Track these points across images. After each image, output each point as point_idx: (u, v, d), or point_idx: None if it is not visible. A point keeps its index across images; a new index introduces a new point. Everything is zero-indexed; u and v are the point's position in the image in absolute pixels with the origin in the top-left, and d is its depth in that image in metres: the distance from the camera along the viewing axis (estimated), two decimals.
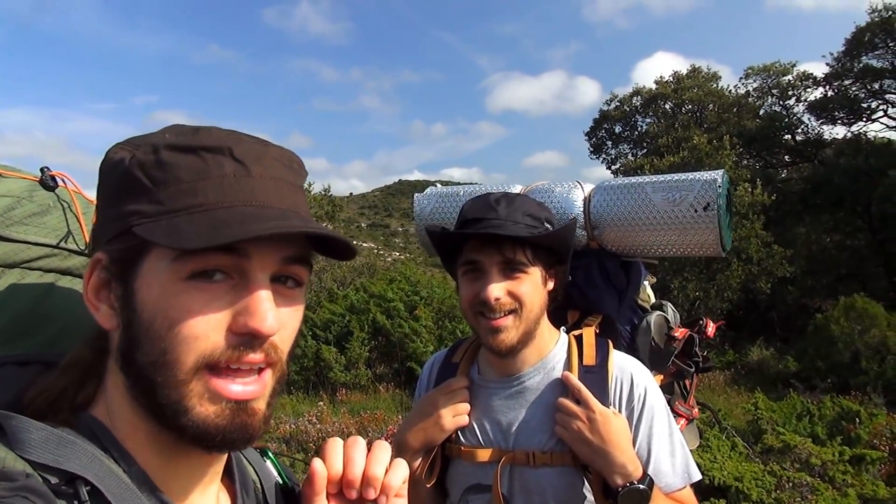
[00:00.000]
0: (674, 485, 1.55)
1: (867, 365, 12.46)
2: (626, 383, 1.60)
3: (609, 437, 1.47)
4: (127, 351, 0.71)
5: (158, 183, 0.71)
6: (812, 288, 22.74)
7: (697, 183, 1.84)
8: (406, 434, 1.63)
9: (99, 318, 0.75)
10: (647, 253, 1.97)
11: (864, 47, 24.72)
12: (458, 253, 1.59)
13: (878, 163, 21.77)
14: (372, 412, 10.76)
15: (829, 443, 6.77)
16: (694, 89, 29.34)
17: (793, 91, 27.92)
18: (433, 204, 2.15)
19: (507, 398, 1.64)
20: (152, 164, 0.71)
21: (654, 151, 25.71)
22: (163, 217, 0.70)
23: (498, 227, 1.49)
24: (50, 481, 0.65)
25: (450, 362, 1.78)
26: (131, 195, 0.72)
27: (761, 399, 8.21)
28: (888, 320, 13.52)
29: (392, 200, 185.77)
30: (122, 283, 0.72)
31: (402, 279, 16.39)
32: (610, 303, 1.91)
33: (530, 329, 1.57)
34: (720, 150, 19.12)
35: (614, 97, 32.81)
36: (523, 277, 1.53)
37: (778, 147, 28.21)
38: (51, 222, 1.07)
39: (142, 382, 0.70)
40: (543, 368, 1.64)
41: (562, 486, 1.55)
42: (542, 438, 1.57)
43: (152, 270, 0.70)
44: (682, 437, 1.63)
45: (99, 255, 0.75)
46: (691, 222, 1.84)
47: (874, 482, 5.88)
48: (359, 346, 14.07)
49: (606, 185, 1.99)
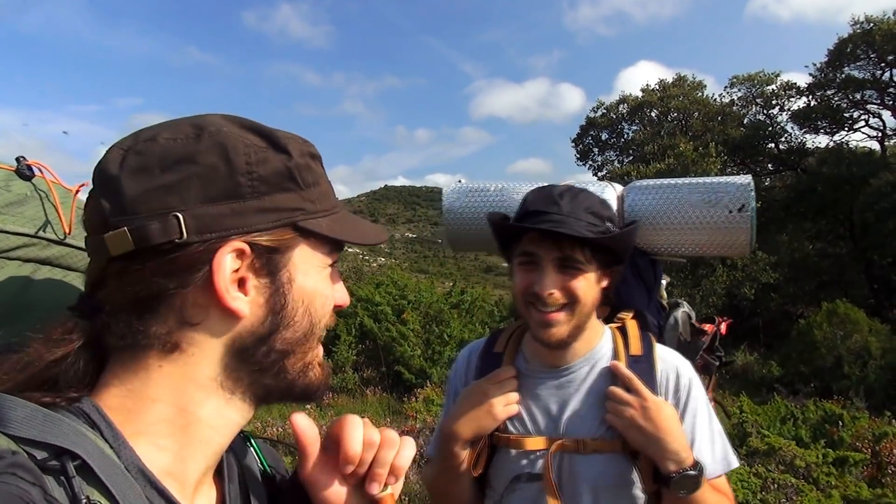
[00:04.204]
0: (714, 472, 1.58)
1: (849, 370, 12.58)
2: (673, 374, 1.63)
3: (662, 425, 1.49)
4: (265, 335, 0.77)
5: (309, 184, 0.79)
6: (795, 294, 22.99)
7: (732, 186, 1.91)
8: (456, 424, 1.62)
9: (235, 306, 0.73)
10: (676, 252, 2.02)
11: (847, 58, 25.08)
12: (516, 242, 1.59)
13: (859, 172, 22.06)
14: (359, 416, 10.70)
15: (812, 445, 6.83)
16: (679, 97, 29.58)
17: (777, 100, 28.25)
18: (463, 200, 2.15)
19: (555, 387, 1.65)
20: (305, 167, 0.79)
21: (641, 158, 25.88)
22: (323, 216, 0.80)
23: (559, 224, 1.48)
24: (36, 457, 0.63)
25: (492, 352, 1.77)
26: (287, 192, 0.77)
27: (746, 402, 8.27)
28: (870, 326, 13.68)
29: (377, 206, 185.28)
30: (272, 272, 0.77)
31: (389, 283, 16.34)
32: (640, 299, 1.94)
33: (581, 324, 1.58)
34: (706, 157, 19.32)
35: (601, 104, 33.01)
36: (579, 275, 1.53)
37: (762, 155, 28.50)
38: (28, 212, 1.05)
39: (273, 357, 0.78)
40: (592, 359, 1.65)
41: (611, 473, 1.57)
42: (592, 426, 1.59)
43: (308, 260, 0.80)
44: (721, 427, 1.66)
45: (241, 245, 0.73)
46: (726, 223, 1.90)
47: (857, 484, 5.94)
48: (346, 350, 14.00)
49: (641, 185, 2.03)
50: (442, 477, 1.70)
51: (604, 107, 32.66)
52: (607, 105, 32.57)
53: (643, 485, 1.56)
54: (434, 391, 10.23)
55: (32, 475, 0.60)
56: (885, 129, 26.12)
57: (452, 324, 13.66)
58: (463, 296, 14.70)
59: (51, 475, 0.63)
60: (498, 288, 50.73)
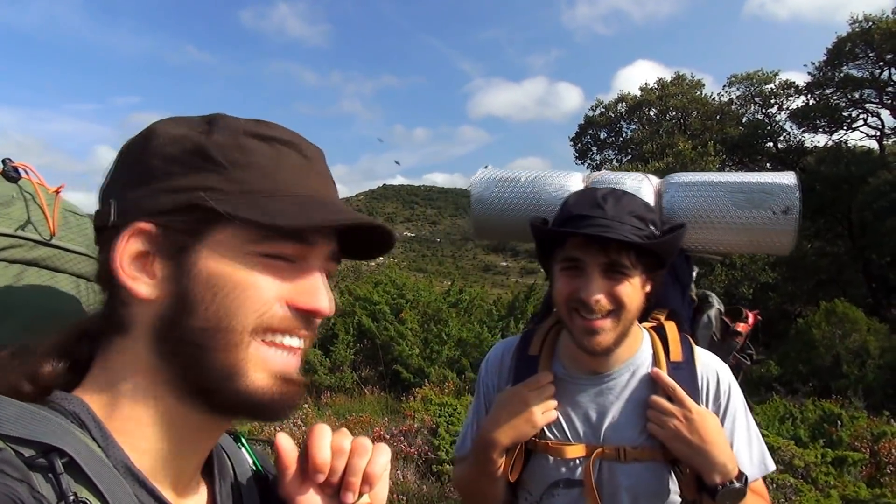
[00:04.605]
0: (751, 476, 1.55)
1: (848, 369, 12.60)
2: (713, 380, 1.60)
3: (708, 437, 1.46)
4: (173, 320, 0.73)
5: (236, 165, 0.74)
6: (793, 294, 23.03)
7: (777, 187, 1.85)
8: (496, 431, 1.59)
9: (135, 287, 0.73)
10: (713, 249, 1.97)
11: (845, 57, 25.15)
12: (559, 247, 1.55)
13: (858, 171, 22.13)
14: (357, 415, 10.68)
15: (811, 445, 6.83)
16: (678, 96, 29.64)
17: (775, 99, 28.33)
18: (493, 189, 2.06)
19: (595, 394, 1.62)
20: (232, 146, 0.75)
21: (639, 157, 25.93)
22: (243, 196, 0.73)
23: (606, 229, 1.44)
24: (23, 455, 0.63)
25: (527, 355, 1.72)
26: (201, 171, 0.74)
27: None
28: (868, 325, 13.70)
29: (376, 205, 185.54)
30: (179, 253, 0.73)
31: (387, 282, 16.32)
32: (675, 298, 1.88)
33: (626, 331, 1.54)
34: (704, 156, 19.33)
35: (599, 103, 33.07)
36: (625, 280, 1.49)
37: (760, 154, 28.56)
38: (14, 213, 1.05)
39: (188, 350, 0.73)
40: (632, 366, 1.62)
41: (651, 481, 1.55)
42: (632, 434, 1.57)
43: (222, 244, 0.73)
44: (758, 429, 1.64)
45: (143, 224, 0.73)
46: (769, 224, 1.84)
47: (856, 483, 5.94)
48: (344, 349, 13.98)
49: (681, 181, 1.96)
50: (477, 481, 1.68)
51: (602, 105, 32.72)
52: (606, 104, 32.65)
53: (685, 494, 1.54)
54: (432, 390, 10.21)
55: (19, 472, 0.61)
56: (884, 128, 26.23)
57: (451, 323, 13.65)
58: (461, 295, 14.69)
59: (38, 472, 0.63)
60: (496, 287, 50.65)
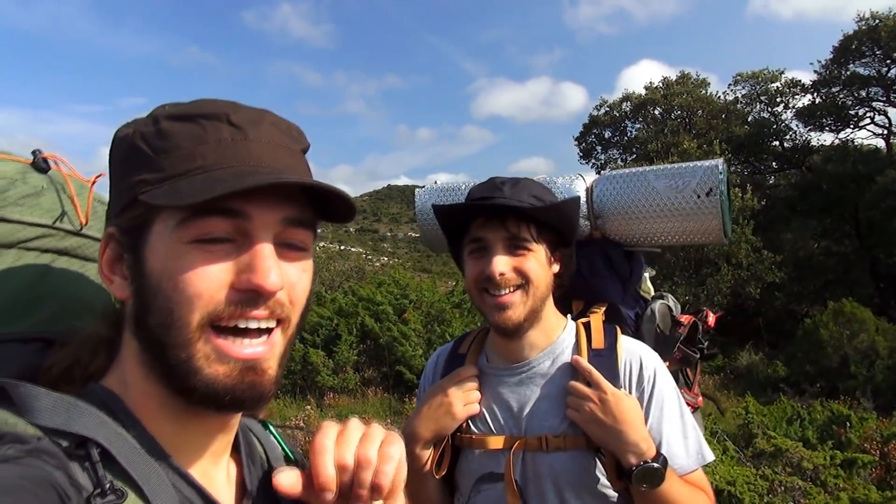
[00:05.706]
0: (687, 466, 1.54)
1: (856, 369, 12.49)
2: (636, 366, 1.59)
3: (621, 417, 1.46)
4: (138, 317, 0.74)
5: (159, 151, 0.73)
6: (799, 293, 22.89)
7: (700, 169, 1.84)
8: (416, 424, 1.61)
9: (113, 289, 0.78)
10: (650, 242, 1.97)
11: (852, 55, 25.02)
12: (465, 234, 1.60)
13: (865, 169, 21.99)
14: (360, 416, 10.67)
15: (819, 447, 6.76)
16: (683, 95, 29.52)
17: (781, 98, 28.21)
18: (434, 198, 2.14)
19: (516, 384, 1.62)
20: (153, 134, 0.74)
21: (644, 156, 25.82)
22: (165, 182, 0.72)
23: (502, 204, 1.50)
24: (61, 444, 0.66)
25: (457, 353, 1.77)
26: (136, 167, 0.74)
27: (752, 403, 8.20)
28: (876, 325, 13.59)
29: (380, 205, 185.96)
30: (133, 253, 0.75)
31: (391, 282, 16.29)
32: (614, 291, 1.91)
33: (537, 307, 1.56)
34: (710, 155, 19.21)
35: (604, 102, 33.00)
36: (528, 255, 1.54)
37: (766, 153, 28.45)
38: (45, 203, 1.09)
39: (152, 346, 0.73)
40: (552, 353, 1.62)
41: (575, 470, 1.53)
42: (554, 423, 1.56)
43: (159, 236, 0.73)
44: (694, 420, 1.61)
45: (110, 229, 0.77)
46: (694, 209, 1.84)
47: (866, 486, 5.86)
48: (347, 350, 13.96)
49: (609, 175, 2.00)
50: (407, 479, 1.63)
51: (607, 105, 32.63)
52: (610, 103, 32.55)
53: (609, 481, 1.52)
54: None
55: (57, 460, 0.63)
56: (891, 126, 26.05)
57: (454, 323, 13.61)
58: (465, 295, 14.63)
59: (75, 461, 0.66)
60: None
